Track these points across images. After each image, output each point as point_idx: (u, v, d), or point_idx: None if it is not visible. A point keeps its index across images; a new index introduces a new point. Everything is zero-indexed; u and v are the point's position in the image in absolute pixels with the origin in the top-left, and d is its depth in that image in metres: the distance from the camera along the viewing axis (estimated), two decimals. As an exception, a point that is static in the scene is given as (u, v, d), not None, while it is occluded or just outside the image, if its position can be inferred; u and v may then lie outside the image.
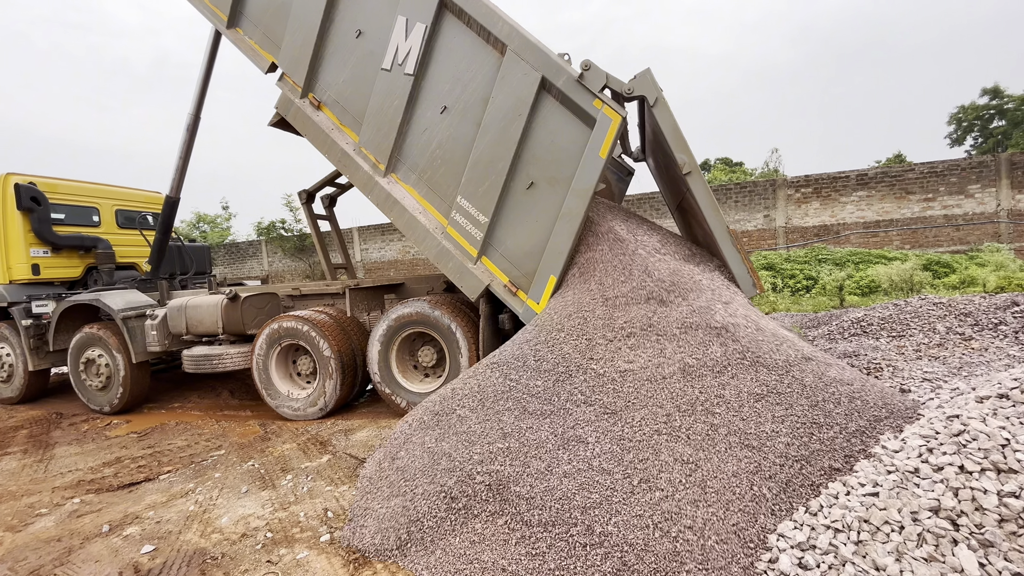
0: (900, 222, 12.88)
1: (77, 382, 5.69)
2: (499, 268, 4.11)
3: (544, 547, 2.20)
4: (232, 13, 4.95)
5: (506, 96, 3.90)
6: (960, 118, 26.58)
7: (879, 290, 9.17)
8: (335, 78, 4.61)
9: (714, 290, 3.47)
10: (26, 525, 3.15)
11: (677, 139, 3.73)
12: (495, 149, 3.98)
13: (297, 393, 4.91)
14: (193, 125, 5.70)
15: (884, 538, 1.85)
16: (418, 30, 4.14)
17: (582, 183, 3.72)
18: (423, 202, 4.40)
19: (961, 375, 3.72)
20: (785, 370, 2.75)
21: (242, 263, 21.04)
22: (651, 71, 3.70)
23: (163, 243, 6.12)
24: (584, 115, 3.71)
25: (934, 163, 12.61)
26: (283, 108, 4.86)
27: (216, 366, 4.99)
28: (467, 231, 4.14)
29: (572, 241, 3.77)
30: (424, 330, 4.52)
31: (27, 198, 5.90)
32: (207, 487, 3.49)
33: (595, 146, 3.66)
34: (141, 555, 2.70)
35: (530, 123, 3.89)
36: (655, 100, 3.70)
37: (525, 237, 4.00)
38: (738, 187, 14.32)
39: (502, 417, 2.88)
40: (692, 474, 2.36)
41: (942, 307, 5.39)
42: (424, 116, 4.29)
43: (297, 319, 4.72)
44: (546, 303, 3.82)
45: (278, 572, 2.47)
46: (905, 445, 2.22)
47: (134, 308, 5.47)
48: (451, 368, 4.43)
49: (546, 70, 3.75)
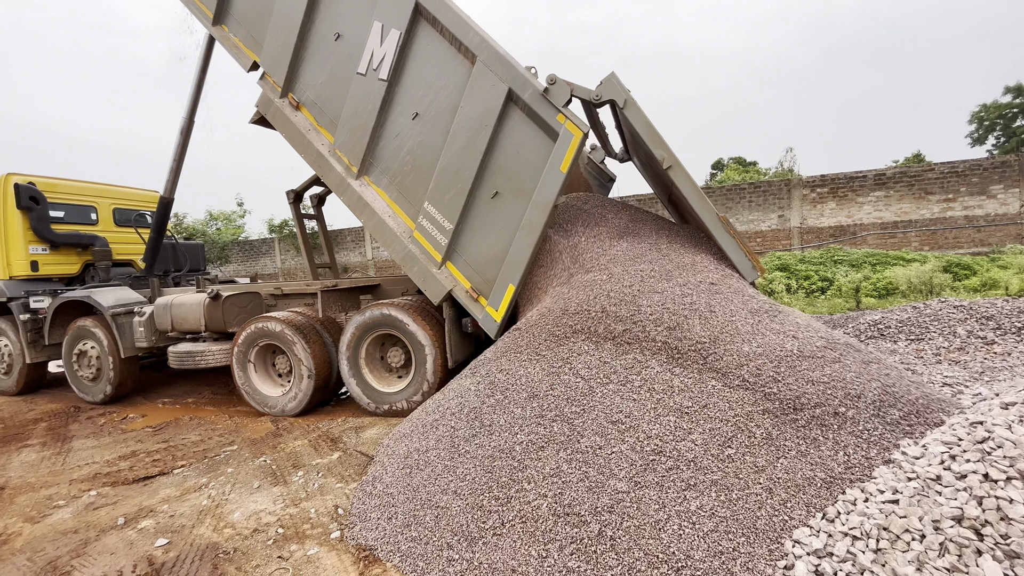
0: (919, 223, 12.62)
1: (70, 373, 5.96)
2: (463, 274, 4.20)
3: (555, 549, 2.18)
4: (218, 10, 5.04)
5: (474, 106, 3.97)
6: (982, 117, 25.95)
7: (897, 292, 8.99)
8: (314, 79, 4.70)
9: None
10: (44, 516, 3.21)
11: (652, 136, 3.78)
12: (462, 157, 4.05)
13: (275, 391, 5.01)
14: (187, 128, 5.91)
15: (904, 547, 1.80)
16: (393, 36, 4.21)
17: (543, 196, 3.78)
18: (393, 205, 4.48)
19: (983, 380, 3.63)
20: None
21: (255, 260, 21.28)
22: (616, 75, 3.76)
23: (157, 242, 6.38)
24: (548, 129, 3.77)
25: (955, 163, 12.33)
26: (263, 107, 4.97)
27: (199, 362, 5.14)
28: (433, 236, 4.23)
29: (531, 252, 3.85)
30: (391, 332, 4.58)
31: (26, 197, 6.15)
32: (220, 482, 3.53)
33: (557, 160, 3.73)
34: (155, 548, 2.74)
35: (496, 134, 3.97)
36: (624, 102, 3.75)
37: (488, 245, 4.08)
38: (752, 187, 14.14)
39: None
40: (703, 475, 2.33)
41: (963, 310, 5.27)
42: (397, 121, 4.38)
43: (273, 320, 4.81)
44: (504, 311, 3.93)
45: (289, 568, 2.49)
46: (926, 452, 2.17)
47: (123, 305, 5.71)
48: (416, 369, 4.47)
49: (513, 82, 3.81)
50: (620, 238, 4.15)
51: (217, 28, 5.13)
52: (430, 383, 4.37)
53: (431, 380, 4.37)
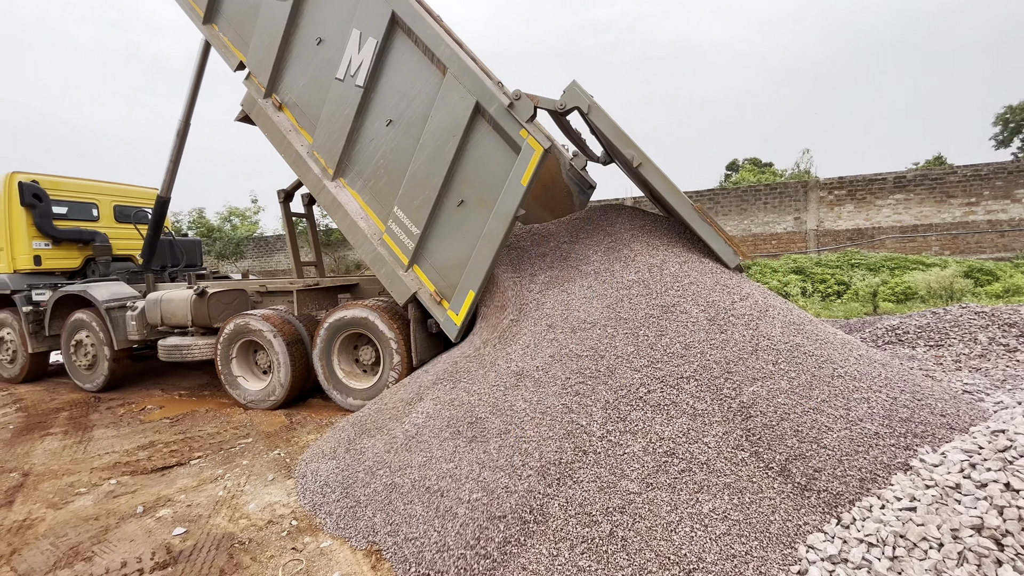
0: (940, 227, 12.36)
1: (68, 361, 6.28)
2: (428, 277, 4.32)
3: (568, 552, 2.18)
4: (208, 9, 5.18)
5: (444, 116, 4.08)
6: (1007, 119, 25.30)
7: (916, 297, 8.82)
8: (296, 81, 4.82)
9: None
10: (66, 503, 3.29)
11: (619, 137, 3.84)
12: (431, 165, 4.16)
13: (256, 385, 5.16)
14: (183, 130, 6.13)
15: (922, 555, 1.78)
16: (370, 44, 4.32)
17: (504, 207, 3.87)
18: (366, 208, 4.61)
19: (1005, 388, 3.55)
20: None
21: (269, 256, 21.54)
22: (577, 82, 3.85)
23: (154, 238, 6.64)
24: (512, 143, 3.87)
25: (978, 166, 12.06)
26: (248, 106, 5.10)
27: (185, 356, 5.36)
28: (401, 240, 4.37)
29: (491, 260, 3.94)
30: (362, 331, 4.68)
31: (29, 195, 6.44)
32: (235, 473, 3.59)
33: (518, 174, 3.82)
34: (173, 537, 2.80)
35: (464, 144, 4.06)
36: (588, 108, 3.83)
37: (453, 251, 4.20)
38: (767, 188, 13.97)
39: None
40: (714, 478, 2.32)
41: (984, 316, 5.15)
42: (371, 127, 4.50)
43: (253, 317, 4.96)
44: (464, 315, 4.06)
45: (303, 559, 2.53)
46: (945, 459, 2.13)
47: (117, 299, 5.98)
48: (384, 367, 4.58)
49: (480, 96, 3.91)
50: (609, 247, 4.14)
51: (207, 27, 5.28)
52: (396, 380, 4.49)
53: (397, 377, 4.49)
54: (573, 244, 4.36)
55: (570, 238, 4.46)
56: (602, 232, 4.36)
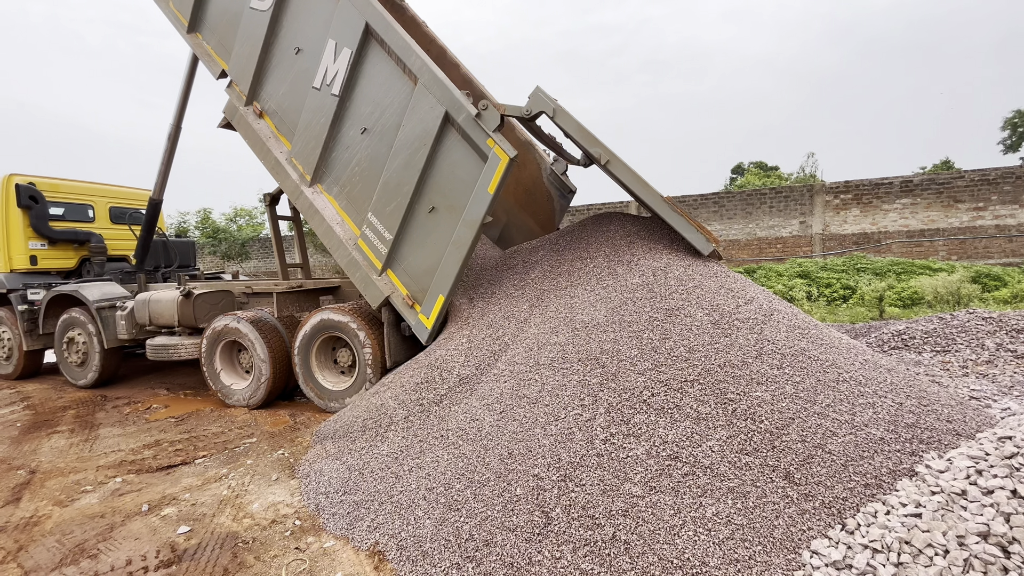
0: (947, 232, 12.28)
1: (60, 358, 6.45)
2: (401, 282, 4.42)
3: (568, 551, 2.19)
4: (192, 19, 5.32)
5: (415, 125, 4.18)
6: (1016, 123, 25.13)
7: (922, 302, 8.76)
8: (276, 90, 4.95)
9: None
10: (73, 501, 3.32)
11: (585, 137, 3.94)
12: (403, 173, 4.27)
13: (239, 384, 5.24)
14: (174, 135, 6.30)
15: (927, 561, 1.77)
16: (345, 54, 4.43)
17: (471, 215, 3.98)
18: (342, 213, 4.73)
19: (1012, 394, 3.53)
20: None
21: (274, 257, 21.62)
22: (541, 88, 3.97)
23: (147, 240, 6.82)
24: (480, 151, 3.96)
25: (986, 170, 11.97)
26: (229, 113, 5.23)
27: (172, 355, 5.46)
28: (375, 245, 4.47)
29: (459, 266, 4.03)
30: (338, 334, 4.75)
31: (26, 197, 6.61)
32: (239, 473, 3.61)
33: (485, 182, 3.90)
34: (177, 535, 2.82)
35: (434, 152, 4.15)
36: (554, 111, 3.93)
37: (424, 257, 4.30)
38: (773, 192, 13.92)
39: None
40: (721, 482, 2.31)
41: (992, 322, 5.11)
42: (347, 135, 4.62)
43: (234, 318, 5.05)
44: (435, 319, 4.15)
45: (306, 559, 2.54)
46: (951, 465, 2.12)
47: (108, 299, 6.11)
48: (359, 368, 4.64)
49: (449, 105, 4.00)
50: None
51: (192, 36, 5.41)
52: (371, 382, 4.54)
53: (372, 379, 4.54)
54: (574, 250, 4.37)
55: (571, 244, 4.48)
56: (603, 237, 4.37)
